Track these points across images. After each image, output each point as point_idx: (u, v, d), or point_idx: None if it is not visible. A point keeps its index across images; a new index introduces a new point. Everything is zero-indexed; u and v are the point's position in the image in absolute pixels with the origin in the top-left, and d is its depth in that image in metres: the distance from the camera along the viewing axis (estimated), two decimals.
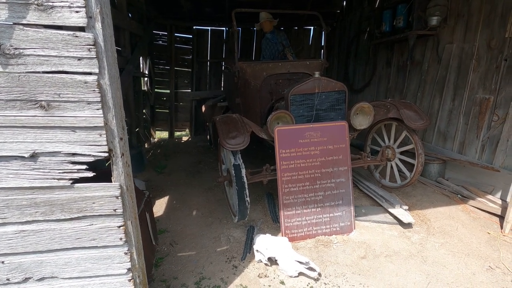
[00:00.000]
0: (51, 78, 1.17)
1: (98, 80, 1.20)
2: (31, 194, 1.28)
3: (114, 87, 1.26)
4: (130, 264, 1.48)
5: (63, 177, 1.28)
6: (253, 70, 3.64)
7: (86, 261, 1.43)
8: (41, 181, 1.27)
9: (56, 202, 1.31)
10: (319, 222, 2.87)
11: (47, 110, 1.20)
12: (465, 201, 3.33)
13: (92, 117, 1.23)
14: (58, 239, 1.37)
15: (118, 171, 1.34)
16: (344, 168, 2.92)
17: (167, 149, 5.96)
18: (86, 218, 1.37)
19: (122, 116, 1.35)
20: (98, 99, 1.21)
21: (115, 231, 1.41)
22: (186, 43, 6.89)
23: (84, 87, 1.19)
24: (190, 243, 2.84)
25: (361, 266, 2.50)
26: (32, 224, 1.33)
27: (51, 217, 1.33)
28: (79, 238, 1.39)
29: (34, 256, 1.38)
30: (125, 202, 1.39)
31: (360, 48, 6.03)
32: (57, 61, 1.15)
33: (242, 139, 2.54)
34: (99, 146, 1.27)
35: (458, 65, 3.80)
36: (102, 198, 1.35)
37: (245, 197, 2.61)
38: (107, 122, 1.26)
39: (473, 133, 3.58)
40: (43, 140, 1.22)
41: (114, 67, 1.26)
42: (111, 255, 1.44)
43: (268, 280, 2.37)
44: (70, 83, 1.18)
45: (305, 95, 2.85)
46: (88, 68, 1.18)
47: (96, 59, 1.17)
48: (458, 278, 2.34)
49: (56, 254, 1.40)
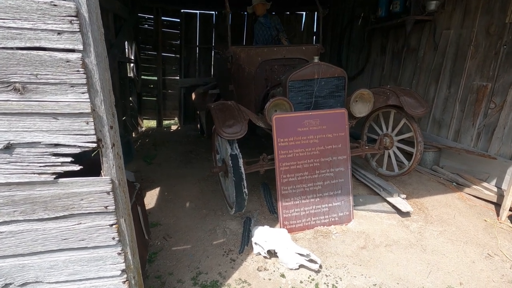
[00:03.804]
0: (26, 56, 0.99)
1: (83, 58, 1.03)
2: (7, 191, 1.12)
3: (102, 67, 1.09)
4: (124, 264, 1.35)
5: (44, 171, 1.12)
6: (248, 55, 3.47)
7: (74, 263, 1.29)
8: (19, 176, 1.11)
9: (38, 200, 1.15)
10: (318, 212, 2.80)
11: (23, 93, 1.02)
12: (460, 189, 3.33)
13: (76, 102, 1.06)
14: (42, 240, 1.22)
15: (109, 163, 1.19)
16: (343, 157, 2.84)
17: (155, 139, 5.75)
18: (73, 216, 1.22)
19: (112, 102, 1.19)
20: (84, 81, 1.04)
21: (106, 230, 1.26)
22: (174, 27, 6.57)
23: (66, 66, 1.02)
24: (185, 236, 2.72)
25: (362, 256, 2.46)
26: (10, 225, 1.17)
27: (33, 216, 1.17)
28: (66, 238, 1.24)
29: (15, 259, 1.23)
30: (118, 198, 1.25)
31: (353, 35, 5.90)
32: (33, 35, 0.97)
33: (240, 127, 2.40)
34: (86, 135, 1.11)
35: (455, 51, 3.74)
36: (91, 194, 1.20)
37: (243, 188, 2.50)
38: (95, 108, 1.09)
39: (469, 120, 3.56)
40: (19, 129, 1.05)
41: (101, 44, 1.08)
42: (103, 256, 1.30)
43: (268, 273, 2.29)
44: (49, 61, 1.00)
45: (304, 81, 2.72)
46: (70, 44, 1.01)
47: (79, 33, 1.00)
48: (458, 267, 2.33)
49: (40, 256, 1.25)
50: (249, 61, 3.46)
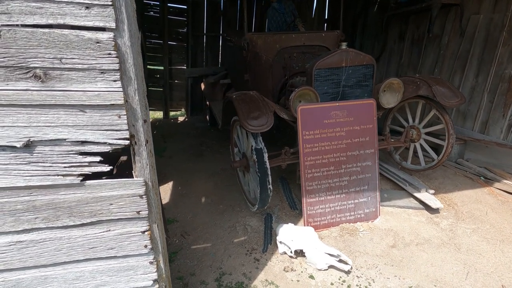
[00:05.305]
0: (48, 35, 0.82)
1: (115, 39, 0.86)
2: (27, 195, 0.96)
3: (135, 50, 0.92)
4: (156, 274, 1.21)
5: (70, 172, 0.96)
6: (265, 42, 3.27)
7: (102, 273, 1.14)
8: (41, 179, 0.95)
9: (62, 205, 1.00)
10: (343, 209, 2.66)
11: (45, 81, 0.85)
12: (490, 184, 3.18)
13: (107, 91, 0.89)
14: (66, 249, 1.07)
15: (142, 163, 1.03)
16: (371, 151, 2.68)
17: (163, 130, 5.59)
18: (102, 223, 1.07)
19: (144, 91, 1.02)
20: (116, 67, 0.87)
21: (138, 238, 1.12)
22: (180, 14, 6.32)
23: (96, 48, 0.85)
24: (203, 234, 2.59)
25: (393, 256, 2.33)
26: (32, 233, 1.02)
27: (56, 223, 1.02)
28: (93, 247, 1.09)
29: (36, 271, 1.08)
30: (151, 202, 1.10)
31: (368, 22, 5.65)
32: (56, 9, 0.80)
33: (266, 119, 2.23)
34: (117, 131, 0.95)
35: (484, 37, 3.52)
36: (122, 198, 1.04)
37: (267, 184, 2.35)
38: (128, 99, 0.93)
39: (499, 111, 3.37)
40: (40, 124, 0.89)
41: (134, 21, 0.91)
42: (134, 266, 1.16)
43: (295, 274, 2.16)
44: (75, 42, 0.83)
45: (331, 69, 2.53)
46: (100, 21, 0.83)
47: (111, 7, 0.82)
48: (497, 267, 2.20)
49: (64, 267, 1.10)
50: (267, 49, 3.27)
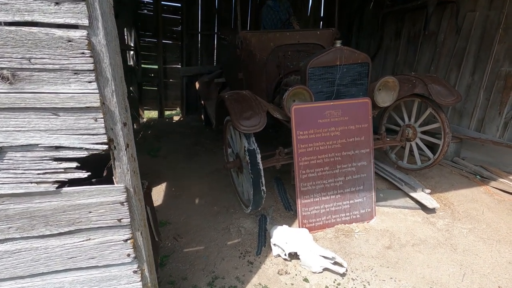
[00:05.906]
0: (15, 34, 0.76)
1: (89, 37, 0.80)
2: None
3: (112, 49, 0.87)
4: (141, 283, 1.16)
5: (44, 179, 0.91)
6: (259, 40, 3.22)
7: (83, 284, 1.09)
8: (13, 187, 0.89)
9: (37, 214, 0.95)
10: (338, 209, 2.62)
11: (13, 83, 0.80)
12: (486, 182, 3.15)
13: (82, 93, 0.84)
14: (44, 260, 1.02)
15: (123, 168, 0.98)
16: (366, 151, 2.64)
17: (158, 130, 5.52)
18: (81, 231, 1.02)
19: (124, 93, 0.97)
20: (91, 67, 0.82)
21: (120, 246, 1.07)
22: (175, 12, 6.24)
23: (68, 47, 0.79)
24: (197, 236, 2.55)
25: (388, 257, 2.29)
26: (5, 244, 0.97)
27: (32, 233, 0.97)
28: (73, 257, 1.04)
29: (12, 282, 1.03)
30: (133, 209, 1.04)
31: (364, 19, 5.61)
32: (22, 5, 0.74)
33: (258, 119, 2.18)
34: (94, 135, 0.89)
35: (480, 35, 3.49)
36: (102, 206, 0.99)
37: (261, 185, 2.30)
38: (105, 101, 0.87)
39: (495, 109, 3.35)
40: (10, 129, 0.83)
41: (110, 18, 0.85)
42: (117, 275, 1.11)
43: (289, 278, 2.12)
44: (45, 41, 0.78)
45: (325, 68, 2.49)
46: (71, 18, 0.78)
47: (83, 3, 0.76)
48: (494, 268, 2.17)
49: (43, 278, 1.05)
50: (261, 47, 3.22)
